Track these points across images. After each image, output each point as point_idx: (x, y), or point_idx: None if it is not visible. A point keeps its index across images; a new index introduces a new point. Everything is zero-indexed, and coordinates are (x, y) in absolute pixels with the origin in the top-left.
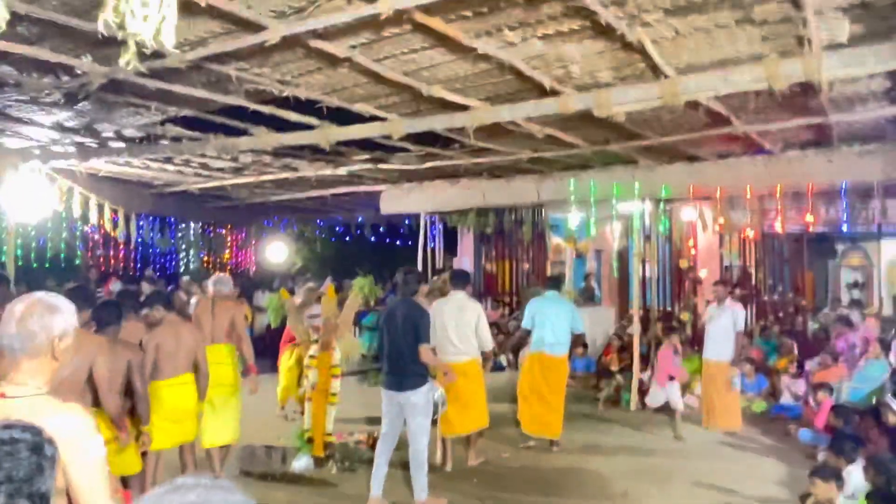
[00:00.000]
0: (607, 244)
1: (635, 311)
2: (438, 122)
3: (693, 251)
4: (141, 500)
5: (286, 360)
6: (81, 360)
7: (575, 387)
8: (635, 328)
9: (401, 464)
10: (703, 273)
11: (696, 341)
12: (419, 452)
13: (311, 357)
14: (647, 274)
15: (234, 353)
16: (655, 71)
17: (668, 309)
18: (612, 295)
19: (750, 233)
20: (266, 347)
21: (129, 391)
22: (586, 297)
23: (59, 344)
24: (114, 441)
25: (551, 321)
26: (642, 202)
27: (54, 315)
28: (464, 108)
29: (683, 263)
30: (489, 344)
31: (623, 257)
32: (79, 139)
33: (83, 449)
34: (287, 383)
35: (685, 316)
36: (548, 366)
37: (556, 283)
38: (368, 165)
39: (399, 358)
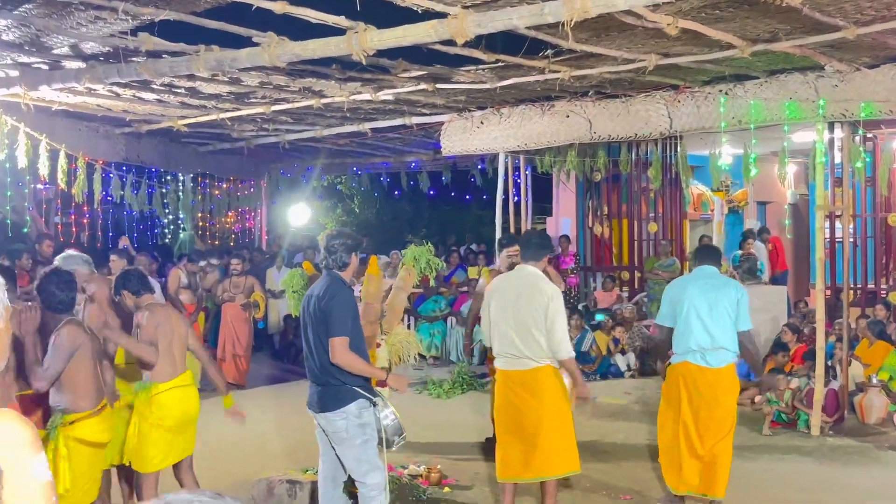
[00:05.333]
0: (776, 193)
1: (818, 290)
2: (521, 16)
3: None
4: None
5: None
6: None
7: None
8: (819, 316)
9: None
10: None
11: None
12: (369, 499)
13: None
14: (838, 235)
15: None
16: None
17: (871, 286)
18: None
19: None
20: (287, 348)
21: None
22: (745, 272)
23: None
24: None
25: (705, 313)
26: (829, 129)
27: None
28: None
29: (895, 219)
30: (564, 349)
31: (800, 212)
32: (23, 59)
33: (18, 469)
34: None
35: None
36: (705, 385)
37: (710, 253)
38: (423, 86)
39: (313, 361)
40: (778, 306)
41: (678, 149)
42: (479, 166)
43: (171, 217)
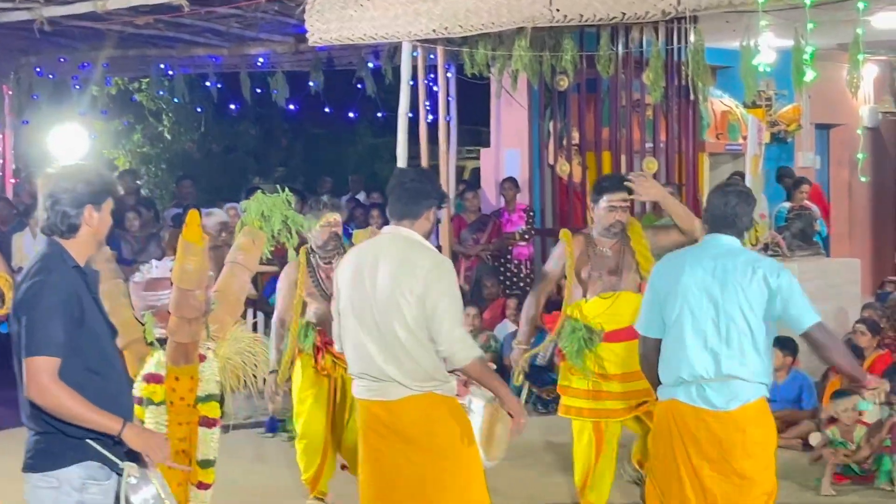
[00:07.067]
0: (845, 111)
1: None
2: None
3: None
4: None
5: None
6: None
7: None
8: None
9: None
10: None
11: None
12: None
13: (149, 381)
14: None
15: None
16: None
17: None
18: (857, 231)
19: None
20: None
21: None
22: (794, 235)
23: None
24: None
25: (706, 319)
26: None
27: None
28: None
29: None
30: (462, 349)
31: (882, 140)
32: None
33: None
34: None
35: None
36: (710, 440)
37: (730, 206)
38: None
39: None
40: (847, 291)
41: (691, 39)
42: (372, 65)
43: None
